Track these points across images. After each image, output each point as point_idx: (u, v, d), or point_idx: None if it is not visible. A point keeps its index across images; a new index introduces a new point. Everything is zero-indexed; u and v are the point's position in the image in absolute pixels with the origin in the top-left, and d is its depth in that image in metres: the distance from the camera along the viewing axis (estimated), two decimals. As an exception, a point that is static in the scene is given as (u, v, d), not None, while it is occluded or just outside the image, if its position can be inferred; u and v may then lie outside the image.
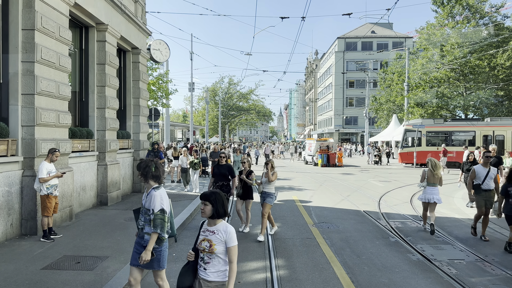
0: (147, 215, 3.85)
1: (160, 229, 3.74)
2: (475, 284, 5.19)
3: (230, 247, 3.04)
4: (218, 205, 3.10)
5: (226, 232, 3.07)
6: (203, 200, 3.11)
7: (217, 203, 3.10)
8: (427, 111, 31.81)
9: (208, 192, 3.17)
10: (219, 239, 3.06)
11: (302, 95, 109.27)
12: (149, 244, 3.75)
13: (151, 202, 3.79)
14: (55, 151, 6.88)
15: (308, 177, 19.04)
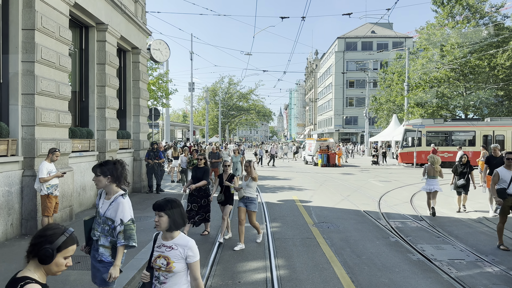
0: (105, 225, 3.38)
1: (132, 241, 3.33)
2: (475, 284, 5.18)
3: (192, 263, 2.66)
4: (176, 215, 2.68)
5: (187, 247, 2.66)
6: (156, 210, 2.67)
7: (174, 214, 2.68)
8: (427, 111, 31.82)
9: (163, 201, 2.72)
10: (178, 256, 2.65)
11: (302, 95, 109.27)
12: (117, 257, 3.33)
13: (117, 210, 3.33)
14: (55, 151, 6.88)
15: (308, 177, 19.04)
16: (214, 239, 7.36)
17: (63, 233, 1.87)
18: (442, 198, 12.60)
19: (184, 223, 2.74)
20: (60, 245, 1.83)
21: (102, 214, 3.41)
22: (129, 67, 13.06)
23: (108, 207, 3.38)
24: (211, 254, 6.41)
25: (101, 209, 3.43)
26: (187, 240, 2.71)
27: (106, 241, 3.41)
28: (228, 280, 5.29)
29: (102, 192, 3.51)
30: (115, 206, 3.34)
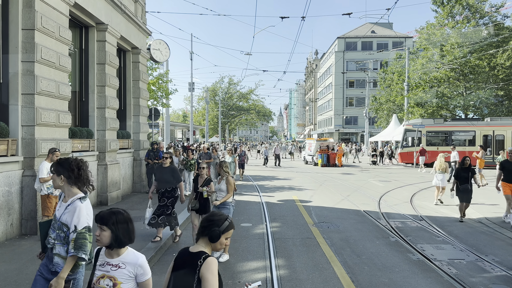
0: (61, 231, 2.92)
1: (82, 252, 2.83)
2: (475, 284, 5.19)
3: (144, 282, 2.36)
4: (120, 231, 2.32)
5: (137, 265, 2.34)
6: (98, 223, 2.33)
7: (119, 229, 2.32)
8: (427, 111, 31.82)
9: (107, 212, 2.36)
10: (126, 275, 2.32)
11: (302, 95, 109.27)
12: (63, 269, 2.86)
13: (73, 215, 2.86)
14: (55, 151, 6.88)
15: (308, 177, 19.04)
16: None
17: (226, 219, 2.33)
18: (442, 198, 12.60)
19: (130, 240, 2.37)
20: (224, 228, 2.30)
21: (58, 218, 2.97)
22: (129, 67, 13.07)
23: (64, 210, 2.94)
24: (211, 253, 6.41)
25: (58, 213, 2.99)
26: (137, 257, 2.38)
27: (62, 250, 2.93)
28: (228, 280, 5.29)
29: (62, 193, 3.10)
30: (71, 210, 2.89)
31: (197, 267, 2.16)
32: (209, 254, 2.26)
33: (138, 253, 2.41)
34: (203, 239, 2.29)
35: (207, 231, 2.27)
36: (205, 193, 6.28)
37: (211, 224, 2.29)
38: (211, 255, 2.24)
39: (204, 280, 2.10)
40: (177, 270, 2.25)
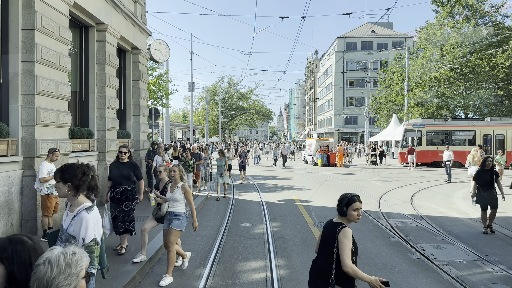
0: (68, 243, 2.74)
1: (92, 267, 2.69)
2: (475, 284, 5.19)
3: None
4: (17, 267, 1.73)
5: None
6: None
7: (15, 264, 1.74)
8: (427, 111, 31.82)
9: (3, 240, 1.79)
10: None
11: (302, 95, 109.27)
12: None
13: (81, 227, 2.69)
14: (55, 151, 6.88)
15: (308, 177, 19.04)
16: (216, 231, 7.36)
17: (345, 197, 3.11)
18: (442, 197, 12.61)
19: (27, 280, 1.66)
20: (346, 202, 3.06)
21: (65, 229, 2.82)
22: (129, 67, 13.06)
23: (70, 222, 2.79)
24: (211, 253, 6.42)
25: (64, 223, 2.85)
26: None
27: None
28: (228, 280, 5.29)
29: (68, 201, 2.91)
30: (78, 222, 2.73)
31: (336, 233, 3.05)
32: (346, 225, 3.12)
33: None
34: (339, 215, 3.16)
35: (337, 210, 3.16)
36: (152, 200, 5.53)
37: (338, 204, 3.16)
38: (347, 226, 3.12)
39: (340, 243, 2.98)
40: (325, 235, 3.22)
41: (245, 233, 7.85)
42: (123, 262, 5.61)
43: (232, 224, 8.66)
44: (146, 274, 5.51)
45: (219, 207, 10.81)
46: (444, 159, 17.48)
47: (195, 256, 6.31)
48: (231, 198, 12.36)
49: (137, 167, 6.33)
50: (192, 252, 6.52)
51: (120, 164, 6.20)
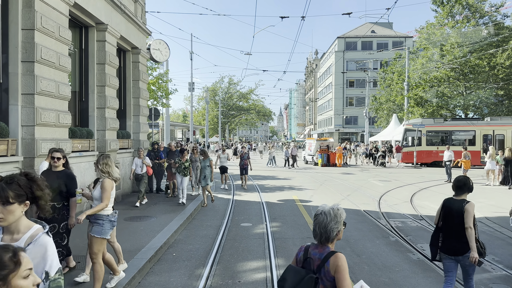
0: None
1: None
2: (475, 283, 5.18)
3: None
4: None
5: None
6: None
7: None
8: (427, 111, 31.82)
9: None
10: None
11: (302, 94, 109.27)
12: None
13: (41, 258, 1.93)
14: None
15: (308, 177, 19.04)
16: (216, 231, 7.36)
17: (468, 181, 4.24)
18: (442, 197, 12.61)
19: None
20: (470, 186, 4.25)
21: None
22: (129, 67, 13.06)
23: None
24: (211, 253, 6.42)
25: None
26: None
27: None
28: (228, 280, 5.29)
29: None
30: (37, 251, 1.93)
31: (463, 207, 4.09)
32: (468, 200, 4.10)
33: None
34: (464, 193, 4.24)
35: (467, 189, 4.25)
36: (79, 196, 4.75)
37: (465, 185, 4.22)
38: (470, 201, 4.08)
39: (467, 212, 4.06)
40: (449, 209, 4.25)
41: (245, 233, 7.85)
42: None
43: (232, 224, 8.66)
44: (146, 274, 5.51)
45: (219, 207, 10.81)
46: (445, 159, 17.47)
47: (195, 256, 6.31)
48: (231, 198, 12.35)
49: (71, 178, 4.98)
50: (192, 252, 6.52)
51: (51, 173, 4.85)
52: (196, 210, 10.10)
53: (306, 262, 2.56)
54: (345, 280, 2.33)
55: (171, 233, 7.30)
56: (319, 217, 2.55)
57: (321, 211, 2.59)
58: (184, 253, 6.45)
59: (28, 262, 1.52)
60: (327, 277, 2.40)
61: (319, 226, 2.51)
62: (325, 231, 2.49)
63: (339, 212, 2.60)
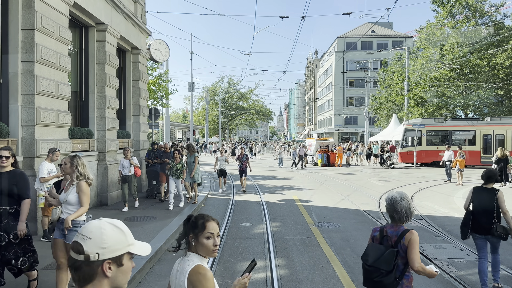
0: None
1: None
2: (475, 283, 5.19)
3: None
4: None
5: None
6: None
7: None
8: (427, 111, 31.82)
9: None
10: None
11: (302, 94, 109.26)
12: None
13: None
14: (55, 151, 6.88)
15: (308, 177, 19.04)
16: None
17: (494, 173, 4.91)
18: (442, 197, 12.62)
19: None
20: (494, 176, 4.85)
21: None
22: (129, 67, 13.06)
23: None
24: (211, 253, 6.41)
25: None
26: None
27: None
28: (228, 280, 5.29)
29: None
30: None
31: (495, 195, 4.79)
32: (498, 189, 4.77)
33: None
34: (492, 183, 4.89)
35: (494, 179, 4.89)
36: (42, 200, 3.98)
37: (492, 178, 4.88)
38: (500, 189, 4.74)
39: (500, 199, 4.75)
40: (480, 195, 4.91)
41: (245, 233, 7.85)
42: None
43: (232, 224, 8.66)
44: (146, 274, 5.51)
45: (219, 207, 10.81)
46: (445, 159, 17.46)
47: (195, 256, 6.31)
48: (230, 198, 12.35)
49: (24, 179, 4.39)
50: (192, 252, 6.52)
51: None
52: (197, 210, 10.10)
53: (384, 239, 3.05)
54: (415, 252, 2.88)
55: (171, 233, 7.30)
56: (401, 202, 3.00)
57: (392, 197, 3.05)
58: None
59: (211, 228, 2.08)
60: (403, 250, 2.93)
61: (393, 210, 3.01)
62: (399, 213, 3.00)
63: (406, 198, 3.05)
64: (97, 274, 1.31)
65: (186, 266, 2.06)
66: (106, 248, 1.31)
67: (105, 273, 1.31)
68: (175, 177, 9.94)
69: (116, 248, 1.33)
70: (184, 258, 2.15)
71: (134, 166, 9.71)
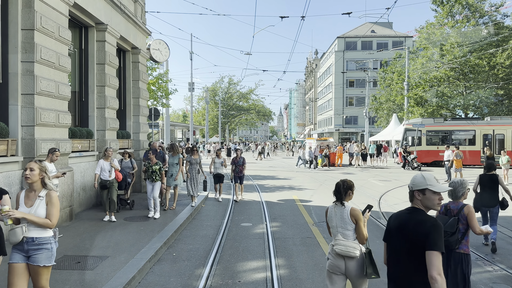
0: None
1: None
2: (475, 283, 5.18)
3: None
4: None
5: None
6: None
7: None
8: (427, 110, 31.82)
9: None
10: None
11: (302, 94, 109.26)
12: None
13: None
14: (55, 151, 6.88)
15: (308, 177, 19.04)
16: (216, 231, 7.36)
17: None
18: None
19: None
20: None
21: None
22: (128, 67, 13.06)
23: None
24: (211, 253, 6.41)
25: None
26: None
27: None
28: (228, 280, 5.29)
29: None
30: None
31: (497, 178, 6.87)
32: (497, 174, 6.75)
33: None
34: (493, 170, 6.97)
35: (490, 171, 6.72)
36: (6, 219, 3.44)
37: (493, 165, 6.98)
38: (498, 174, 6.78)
39: (501, 180, 6.88)
40: (485, 179, 6.91)
41: (245, 233, 7.85)
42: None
43: (232, 224, 8.66)
44: (146, 274, 5.51)
45: (219, 207, 10.80)
46: (445, 158, 17.45)
47: (195, 256, 6.31)
48: (231, 198, 12.34)
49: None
50: (192, 252, 6.52)
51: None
52: (197, 209, 10.09)
53: (448, 212, 4.28)
54: (474, 220, 4.14)
55: (171, 233, 7.30)
56: (453, 183, 4.33)
57: (456, 182, 4.33)
58: (184, 253, 6.45)
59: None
60: (463, 218, 4.16)
61: (454, 190, 4.28)
62: (456, 193, 4.29)
63: (464, 182, 4.33)
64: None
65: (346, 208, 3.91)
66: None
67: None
68: (151, 180, 8.86)
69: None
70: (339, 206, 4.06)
71: (115, 169, 8.52)
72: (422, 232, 2.43)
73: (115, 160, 8.72)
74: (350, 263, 3.52)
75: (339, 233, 3.70)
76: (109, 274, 5.13)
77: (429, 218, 2.53)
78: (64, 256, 5.88)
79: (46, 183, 3.61)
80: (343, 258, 3.56)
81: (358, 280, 3.55)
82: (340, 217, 3.83)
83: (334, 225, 3.83)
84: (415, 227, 2.51)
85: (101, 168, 8.34)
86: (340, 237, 3.64)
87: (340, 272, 3.58)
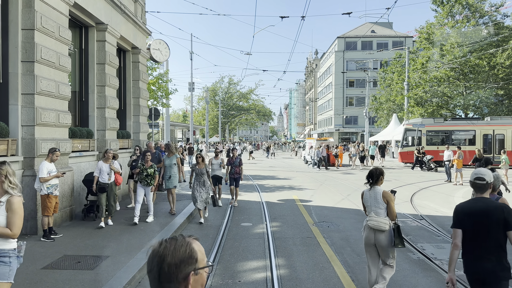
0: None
1: None
2: (475, 283, 5.18)
3: None
4: None
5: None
6: None
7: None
8: (427, 111, 31.82)
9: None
10: None
11: (302, 94, 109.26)
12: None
13: None
14: (55, 151, 6.88)
15: (308, 177, 19.04)
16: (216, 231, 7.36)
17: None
18: (442, 197, 12.63)
19: None
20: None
21: None
22: (129, 67, 13.06)
23: None
24: (211, 253, 6.42)
25: None
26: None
27: None
28: (228, 280, 5.29)
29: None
30: None
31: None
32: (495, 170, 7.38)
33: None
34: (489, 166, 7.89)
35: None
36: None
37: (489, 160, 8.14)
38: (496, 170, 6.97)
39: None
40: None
41: (245, 233, 7.85)
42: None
43: (232, 224, 8.66)
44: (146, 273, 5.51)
45: (219, 207, 10.80)
46: (444, 158, 17.46)
47: (195, 256, 6.30)
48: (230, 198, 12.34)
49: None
50: (192, 252, 6.52)
51: None
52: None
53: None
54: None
55: (171, 233, 7.30)
56: (494, 179, 4.33)
57: (494, 176, 4.37)
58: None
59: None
60: None
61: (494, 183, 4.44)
62: (496, 185, 4.60)
63: (499, 176, 4.72)
64: None
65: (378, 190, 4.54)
66: None
67: None
68: (144, 183, 8.29)
69: None
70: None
71: (115, 172, 8.15)
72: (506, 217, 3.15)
73: (115, 162, 8.40)
74: (381, 235, 4.43)
75: (372, 211, 4.53)
76: (110, 274, 5.14)
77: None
78: (64, 256, 5.89)
79: (6, 188, 3.14)
80: (373, 231, 4.47)
81: (387, 249, 4.47)
82: (374, 198, 4.56)
83: (368, 204, 4.61)
84: (501, 212, 3.19)
85: (100, 170, 7.95)
86: (373, 215, 4.50)
87: (371, 243, 4.53)
